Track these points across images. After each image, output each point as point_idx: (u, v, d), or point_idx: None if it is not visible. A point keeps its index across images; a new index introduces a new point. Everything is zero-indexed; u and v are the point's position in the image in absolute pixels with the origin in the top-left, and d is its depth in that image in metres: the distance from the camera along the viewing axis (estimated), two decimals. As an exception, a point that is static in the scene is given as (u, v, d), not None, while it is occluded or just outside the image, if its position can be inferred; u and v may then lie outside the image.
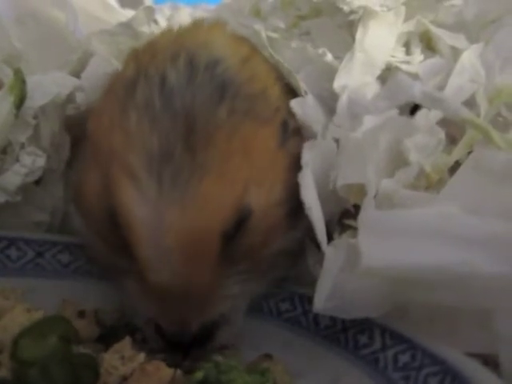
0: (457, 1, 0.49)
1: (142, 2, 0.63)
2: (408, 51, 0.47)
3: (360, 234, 0.32)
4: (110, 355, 0.33)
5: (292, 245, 0.38)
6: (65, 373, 0.32)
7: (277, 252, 0.37)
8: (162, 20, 0.55)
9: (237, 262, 0.35)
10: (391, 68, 0.44)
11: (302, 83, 0.42)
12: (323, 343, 0.36)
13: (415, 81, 0.39)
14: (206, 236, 0.33)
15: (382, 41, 0.45)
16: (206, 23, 0.44)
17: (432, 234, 0.31)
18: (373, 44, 0.44)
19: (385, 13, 0.45)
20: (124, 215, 0.33)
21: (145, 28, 0.52)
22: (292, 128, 0.39)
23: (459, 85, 0.40)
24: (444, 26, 0.47)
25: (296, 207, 0.36)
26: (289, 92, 0.42)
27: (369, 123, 0.37)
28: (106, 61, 0.48)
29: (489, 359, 0.32)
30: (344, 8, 0.45)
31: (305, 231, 0.38)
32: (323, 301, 0.33)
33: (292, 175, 0.37)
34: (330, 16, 0.47)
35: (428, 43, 0.47)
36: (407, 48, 0.47)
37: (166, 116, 0.34)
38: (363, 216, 0.34)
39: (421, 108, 0.38)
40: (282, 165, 0.37)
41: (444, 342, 0.32)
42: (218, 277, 0.34)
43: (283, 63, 0.43)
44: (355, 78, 0.42)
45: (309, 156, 0.37)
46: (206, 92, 0.35)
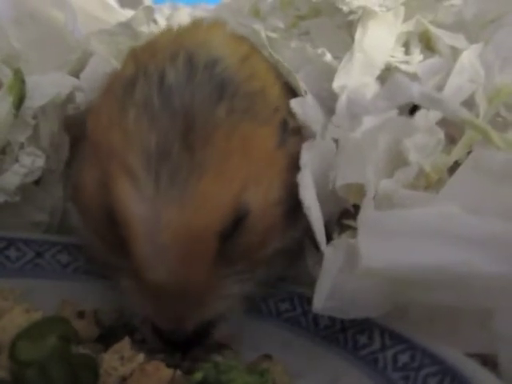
0: (456, 1, 0.49)
1: (142, 2, 0.63)
2: (407, 51, 0.47)
3: (359, 234, 0.32)
4: (110, 355, 0.33)
5: (290, 244, 0.38)
6: (64, 373, 0.32)
7: (274, 252, 0.37)
8: (162, 20, 0.55)
9: (234, 261, 0.35)
10: (390, 68, 0.44)
11: (302, 83, 0.42)
12: (322, 343, 0.36)
13: (414, 81, 0.39)
14: (203, 235, 0.32)
15: (382, 41, 0.45)
16: (206, 23, 0.44)
17: (431, 234, 0.31)
18: (372, 44, 0.44)
19: (384, 13, 0.45)
20: (121, 213, 0.33)
21: (144, 28, 0.52)
22: (291, 127, 0.39)
23: (458, 85, 0.40)
24: (443, 26, 0.47)
25: (294, 207, 0.36)
26: (288, 91, 0.42)
27: (368, 123, 0.37)
28: (106, 61, 0.48)
29: (488, 359, 0.32)
30: (343, 8, 0.45)
31: (303, 231, 0.38)
32: (323, 301, 0.33)
33: (291, 175, 0.36)
34: (330, 16, 0.47)
35: (427, 43, 0.47)
36: (406, 48, 0.47)
37: (165, 115, 0.34)
38: (362, 216, 0.34)
39: (420, 108, 0.38)
40: (281, 164, 0.37)
41: (444, 342, 0.32)
42: (215, 276, 0.34)
43: (283, 63, 0.43)
44: (354, 78, 0.42)
45: (308, 156, 0.37)
46: (205, 91, 0.35)
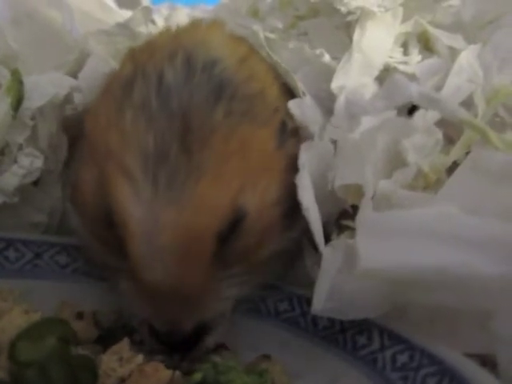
0: (454, 1, 0.49)
1: (140, 3, 0.63)
2: (406, 52, 0.47)
3: (358, 235, 0.32)
4: (109, 357, 0.33)
5: (288, 245, 0.38)
6: (63, 374, 0.32)
7: (272, 253, 0.37)
8: (160, 20, 0.55)
9: (232, 263, 0.35)
10: (389, 69, 0.44)
11: (300, 83, 0.42)
12: (322, 344, 0.36)
13: (413, 81, 0.39)
14: (201, 237, 0.32)
15: (380, 41, 0.45)
16: (204, 23, 0.44)
17: (430, 235, 0.31)
18: (370, 45, 0.44)
19: (382, 13, 0.45)
20: (119, 214, 0.33)
21: (142, 28, 0.52)
22: (290, 129, 0.39)
23: (457, 85, 0.40)
24: (442, 27, 0.48)
25: (293, 208, 0.36)
26: (287, 92, 0.42)
27: (366, 124, 0.37)
28: (104, 61, 0.48)
29: (487, 359, 0.32)
30: (342, 9, 0.45)
31: (302, 232, 0.38)
32: (322, 303, 0.33)
33: (289, 176, 0.36)
34: (328, 17, 0.47)
35: (426, 44, 0.47)
36: (405, 49, 0.47)
37: (163, 116, 0.34)
38: (361, 217, 0.34)
39: (419, 108, 0.38)
40: (279, 166, 0.37)
41: (443, 343, 0.32)
42: (212, 278, 0.34)
43: (281, 63, 0.43)
44: (353, 79, 0.42)
45: (306, 157, 0.37)
46: (203, 92, 0.35)
